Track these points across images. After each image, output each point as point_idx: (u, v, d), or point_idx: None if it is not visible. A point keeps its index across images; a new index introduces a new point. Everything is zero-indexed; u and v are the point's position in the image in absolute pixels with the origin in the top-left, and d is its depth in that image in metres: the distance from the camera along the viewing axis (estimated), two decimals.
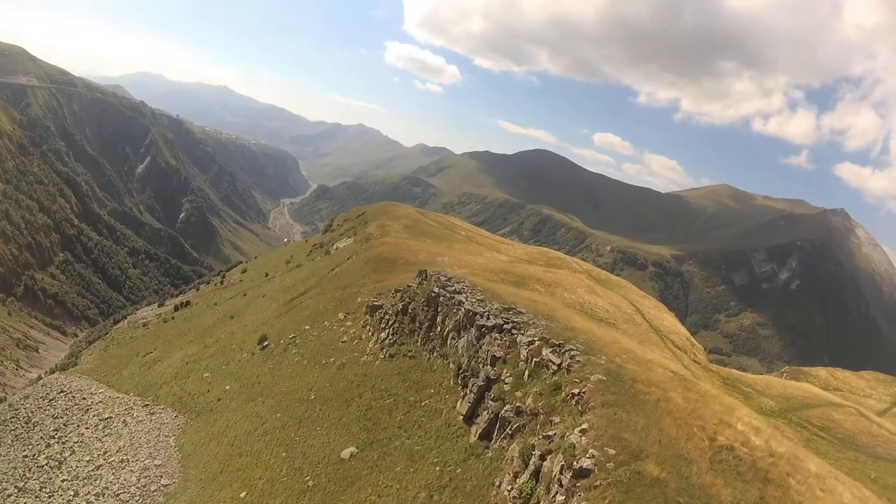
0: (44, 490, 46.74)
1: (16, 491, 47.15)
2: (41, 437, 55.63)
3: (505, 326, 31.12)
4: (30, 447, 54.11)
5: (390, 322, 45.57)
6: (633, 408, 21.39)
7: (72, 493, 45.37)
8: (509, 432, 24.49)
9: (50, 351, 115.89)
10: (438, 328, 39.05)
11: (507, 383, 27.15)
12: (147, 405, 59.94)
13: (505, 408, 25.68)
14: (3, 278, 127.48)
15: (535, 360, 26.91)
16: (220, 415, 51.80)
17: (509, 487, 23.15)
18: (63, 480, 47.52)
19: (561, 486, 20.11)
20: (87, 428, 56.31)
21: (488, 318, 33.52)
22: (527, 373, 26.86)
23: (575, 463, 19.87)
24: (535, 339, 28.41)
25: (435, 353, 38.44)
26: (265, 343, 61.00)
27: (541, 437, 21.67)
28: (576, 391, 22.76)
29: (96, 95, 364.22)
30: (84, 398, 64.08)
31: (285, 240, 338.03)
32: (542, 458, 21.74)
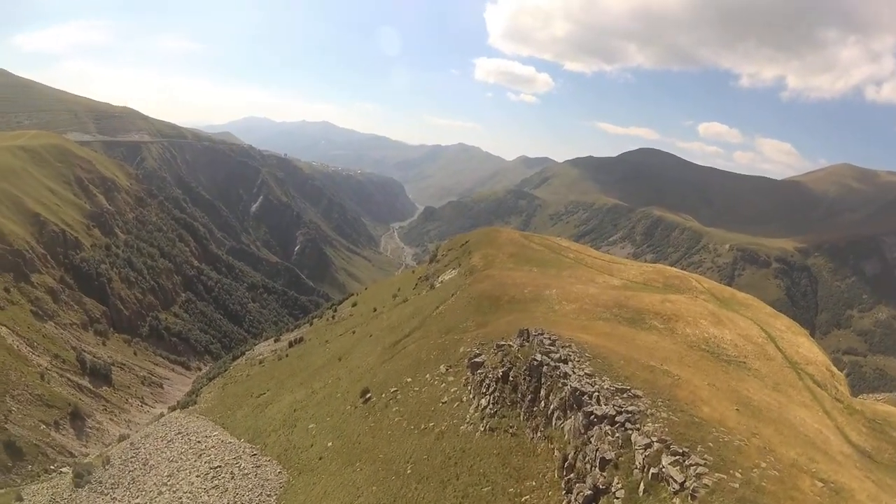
0: None
1: None
2: (154, 483, 57.40)
3: (617, 418, 25.95)
4: (143, 493, 55.78)
5: (491, 388, 41.62)
6: None
7: None
8: None
9: (174, 386, 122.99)
10: (542, 403, 34.52)
11: (618, 497, 22.16)
12: (255, 454, 60.24)
13: None
14: (129, 320, 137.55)
15: (652, 470, 21.75)
16: (319, 477, 50.24)
17: None
18: None
19: None
20: (197, 476, 57.29)
21: (598, 403, 28.56)
22: (642, 486, 21.74)
23: None
24: (654, 440, 23.08)
25: (539, 433, 33.89)
26: (367, 396, 59.74)
27: None
28: None
29: (206, 144, 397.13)
30: (199, 441, 66.13)
31: (412, 269, 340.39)
32: None
